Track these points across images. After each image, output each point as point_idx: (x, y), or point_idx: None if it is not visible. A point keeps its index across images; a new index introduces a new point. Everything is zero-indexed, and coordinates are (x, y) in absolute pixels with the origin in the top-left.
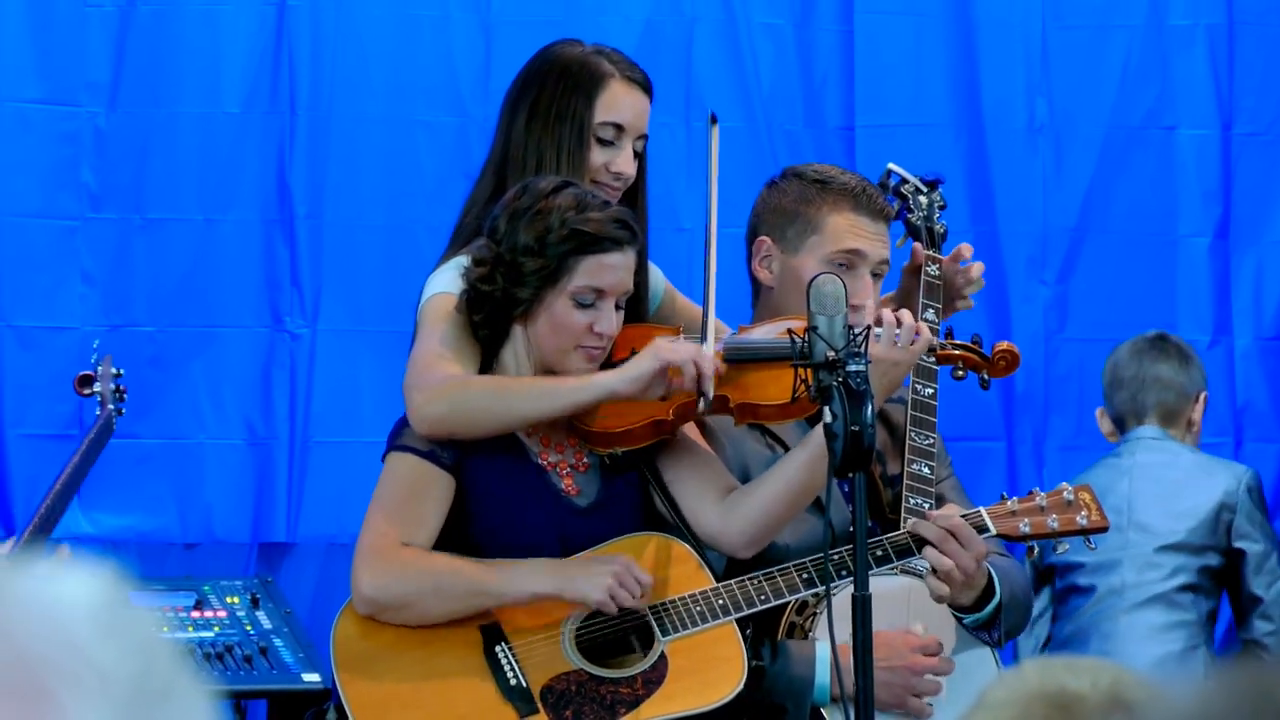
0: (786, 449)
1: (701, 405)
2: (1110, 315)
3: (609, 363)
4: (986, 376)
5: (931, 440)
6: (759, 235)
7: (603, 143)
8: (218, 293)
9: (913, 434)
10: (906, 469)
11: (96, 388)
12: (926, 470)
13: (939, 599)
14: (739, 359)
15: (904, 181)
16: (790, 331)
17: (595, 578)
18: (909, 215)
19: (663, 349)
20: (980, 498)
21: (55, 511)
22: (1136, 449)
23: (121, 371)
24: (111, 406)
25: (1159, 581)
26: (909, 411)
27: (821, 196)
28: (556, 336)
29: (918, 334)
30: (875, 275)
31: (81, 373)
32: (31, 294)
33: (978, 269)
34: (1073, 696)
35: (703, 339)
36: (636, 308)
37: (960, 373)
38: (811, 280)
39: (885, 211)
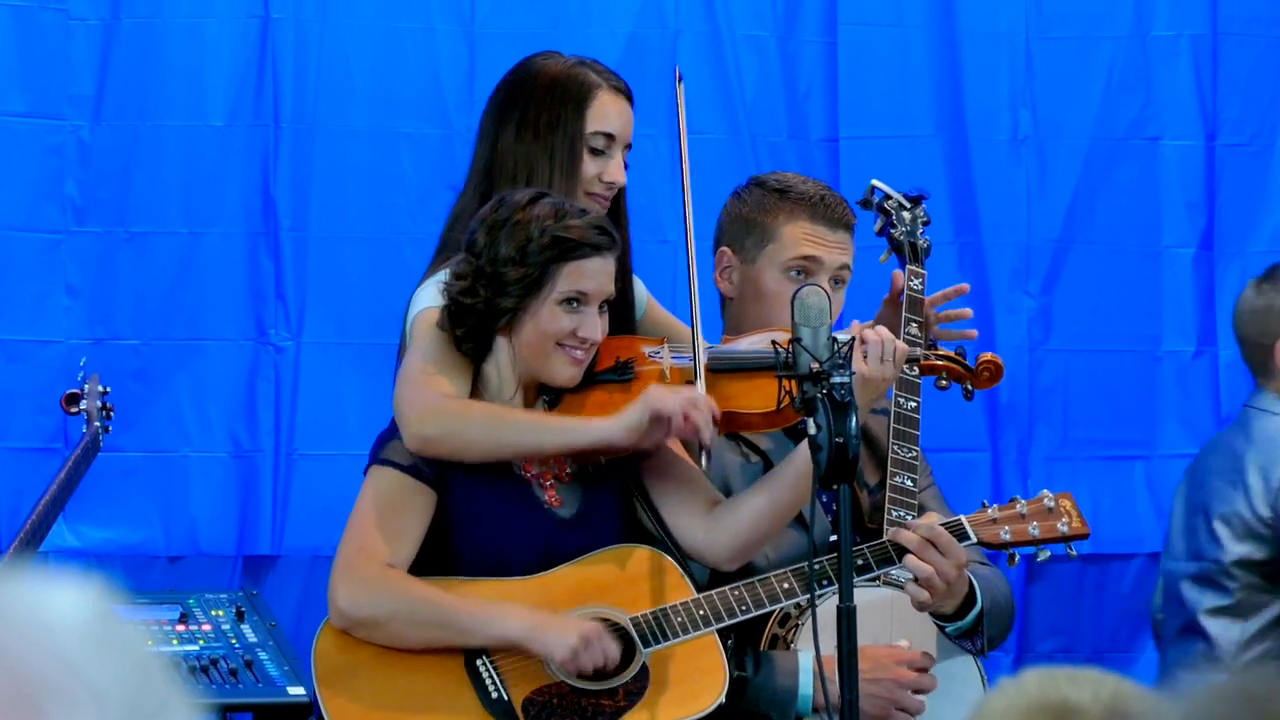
0: (764, 457)
1: (704, 461)
2: (1094, 326)
3: (591, 372)
4: (970, 387)
5: (914, 453)
6: (721, 246)
7: (594, 153)
8: (202, 306)
9: (895, 447)
10: (889, 481)
11: (83, 405)
12: (909, 483)
13: (920, 606)
14: (724, 368)
15: (887, 197)
16: (774, 343)
17: (564, 637)
18: (892, 231)
19: (654, 398)
20: (964, 509)
21: (41, 528)
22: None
23: (108, 389)
24: (98, 424)
25: None
26: (891, 424)
27: (779, 205)
28: (543, 343)
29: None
30: (838, 282)
31: (68, 391)
32: (16, 307)
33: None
34: (1073, 707)
35: (695, 376)
36: (625, 316)
37: (944, 383)
38: (795, 292)
39: (845, 219)
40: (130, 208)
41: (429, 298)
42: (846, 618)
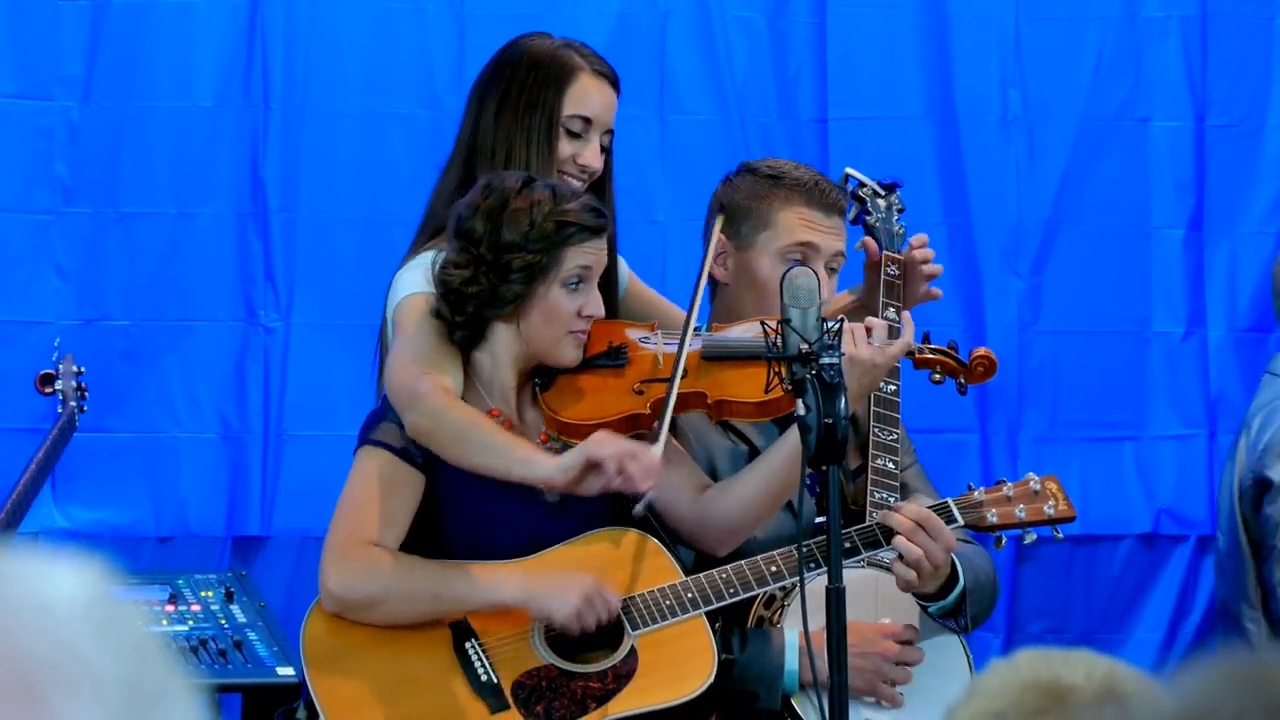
0: (750, 444)
1: (638, 507)
2: (1084, 307)
3: (586, 356)
4: (964, 382)
5: (895, 435)
6: None
7: (571, 135)
8: (191, 286)
9: (876, 430)
10: (870, 464)
11: (58, 386)
12: (890, 465)
13: (905, 587)
14: (717, 356)
15: (862, 185)
16: (764, 324)
17: (564, 595)
18: (867, 218)
19: (593, 445)
20: (953, 490)
21: (19, 510)
22: None
23: (82, 369)
24: (73, 404)
25: None
26: (872, 408)
27: (773, 192)
28: (551, 326)
29: (896, 334)
30: (831, 269)
31: (43, 371)
32: (5, 288)
33: (932, 259)
34: (1066, 687)
35: (654, 439)
36: (608, 297)
37: (938, 377)
38: (785, 272)
39: (839, 205)
40: (119, 189)
41: (413, 282)
42: (836, 598)
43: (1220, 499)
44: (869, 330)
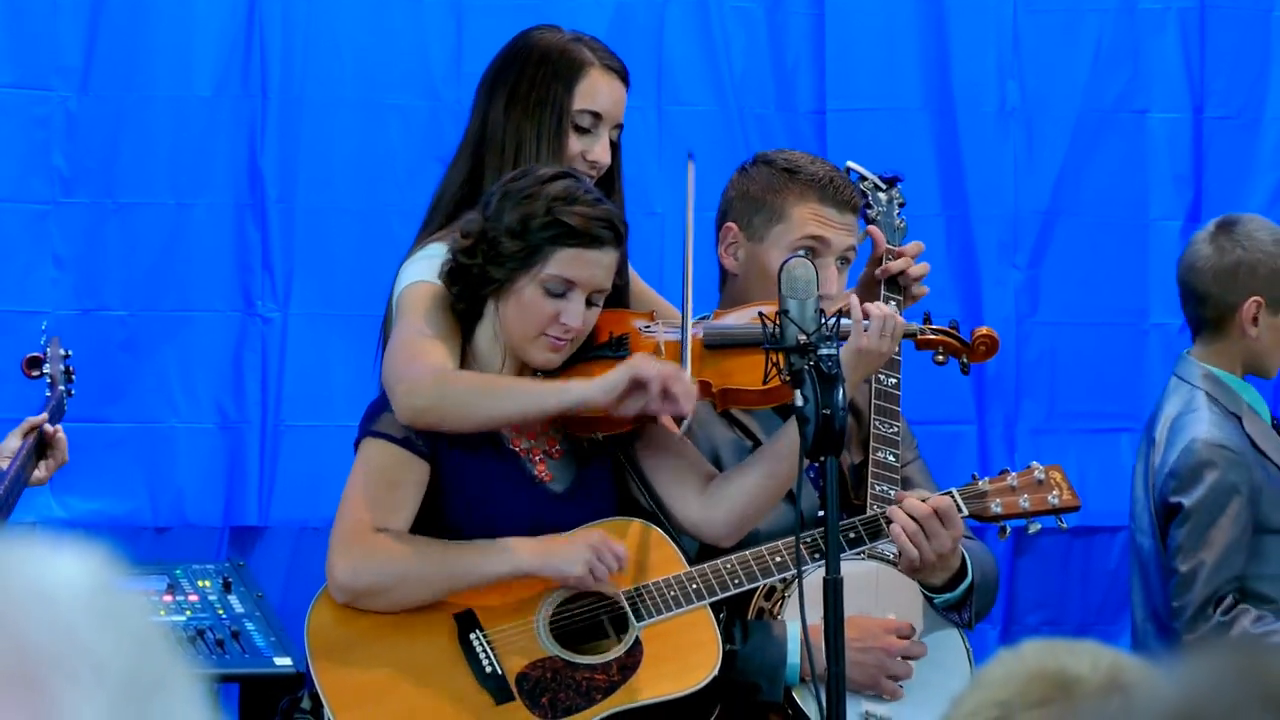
0: (753, 438)
1: (683, 427)
2: (1082, 299)
3: (588, 346)
4: (966, 361)
5: (896, 429)
6: (727, 221)
7: (580, 130)
8: (189, 277)
9: (877, 422)
10: (871, 456)
11: (45, 369)
12: (891, 458)
13: (909, 570)
14: (719, 344)
15: (863, 179)
16: (762, 315)
17: (573, 553)
18: (868, 212)
19: (637, 365)
20: (952, 481)
21: (12, 495)
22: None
23: (70, 352)
24: (62, 388)
25: None
26: (872, 400)
27: (789, 186)
28: (522, 322)
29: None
30: (843, 262)
31: (29, 354)
32: (3, 278)
33: (921, 269)
34: (1072, 677)
35: (684, 364)
36: (618, 294)
37: (941, 358)
38: (783, 263)
39: (853, 202)
40: (117, 179)
41: (418, 271)
42: (834, 590)
43: (1135, 498)
44: (872, 313)
